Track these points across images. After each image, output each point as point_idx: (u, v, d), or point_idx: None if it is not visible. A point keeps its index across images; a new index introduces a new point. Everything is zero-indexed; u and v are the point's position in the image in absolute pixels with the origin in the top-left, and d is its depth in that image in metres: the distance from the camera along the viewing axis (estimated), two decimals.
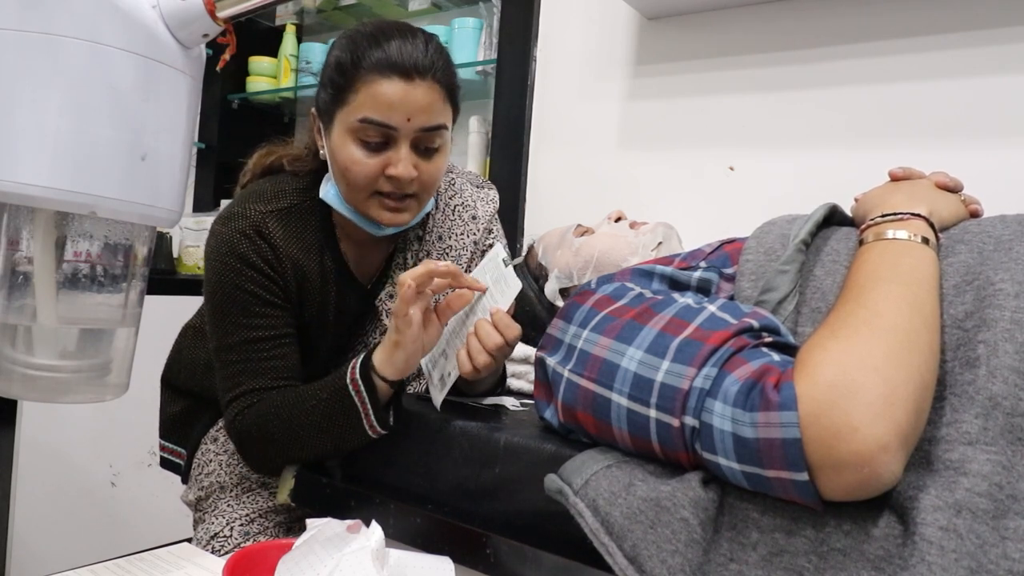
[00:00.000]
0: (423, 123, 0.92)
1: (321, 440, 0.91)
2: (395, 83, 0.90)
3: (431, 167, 0.96)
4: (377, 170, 0.93)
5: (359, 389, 0.87)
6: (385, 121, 0.91)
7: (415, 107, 0.91)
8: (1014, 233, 0.69)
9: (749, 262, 0.78)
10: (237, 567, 0.69)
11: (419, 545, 0.83)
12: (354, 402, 0.88)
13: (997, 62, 1.29)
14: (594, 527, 0.65)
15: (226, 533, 1.05)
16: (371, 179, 0.93)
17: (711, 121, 1.57)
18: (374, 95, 0.90)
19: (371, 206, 0.96)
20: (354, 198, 0.96)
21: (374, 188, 0.95)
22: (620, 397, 0.68)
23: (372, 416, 0.88)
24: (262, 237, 0.97)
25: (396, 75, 0.90)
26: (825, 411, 0.55)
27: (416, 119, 0.92)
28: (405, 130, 0.92)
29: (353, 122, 0.92)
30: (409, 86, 0.90)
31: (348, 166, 0.93)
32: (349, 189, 0.96)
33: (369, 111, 0.91)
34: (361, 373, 0.88)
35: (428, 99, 0.92)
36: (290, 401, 0.92)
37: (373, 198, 0.96)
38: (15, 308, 0.63)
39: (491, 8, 1.96)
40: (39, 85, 0.57)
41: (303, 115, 2.56)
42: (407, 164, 0.92)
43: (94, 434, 1.88)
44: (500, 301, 0.87)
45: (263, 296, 0.97)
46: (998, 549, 0.53)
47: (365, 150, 0.93)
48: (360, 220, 0.99)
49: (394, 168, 0.92)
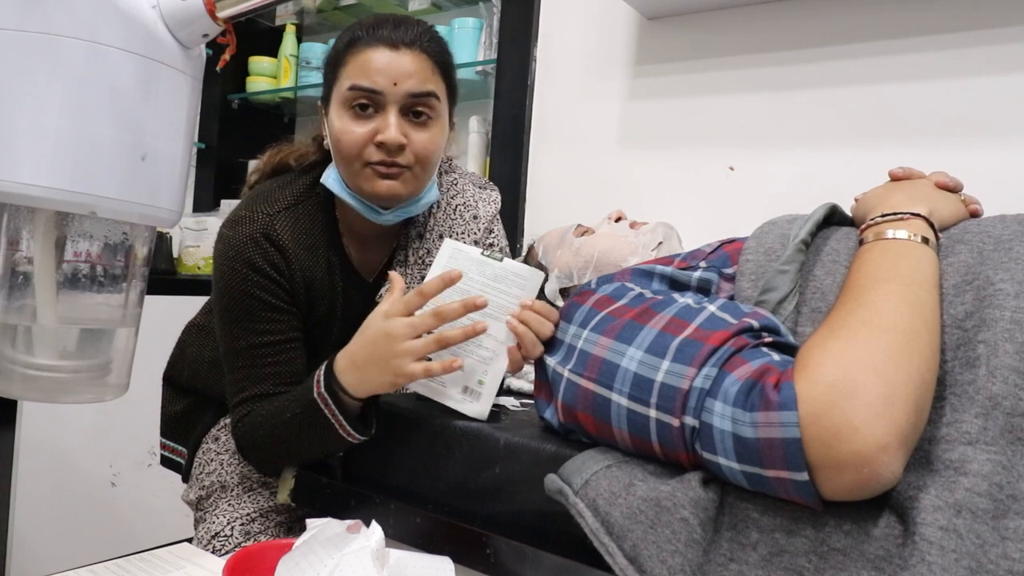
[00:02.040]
0: (411, 88, 0.94)
1: (306, 449, 0.93)
2: (381, 51, 0.93)
3: (423, 137, 0.96)
4: (367, 137, 0.94)
5: (328, 403, 0.87)
6: (371, 86, 0.93)
7: (401, 72, 0.93)
8: (1014, 233, 0.69)
9: (749, 262, 0.78)
10: (237, 567, 0.69)
11: (419, 545, 0.83)
12: (325, 414, 0.87)
13: (997, 62, 1.29)
14: (594, 527, 0.65)
15: (227, 532, 1.05)
16: (360, 146, 0.94)
17: (711, 121, 1.57)
18: (361, 63, 0.93)
19: (364, 178, 0.96)
20: (348, 172, 0.97)
21: (365, 158, 0.95)
22: (620, 397, 0.68)
23: (347, 427, 0.88)
24: (270, 241, 0.97)
25: (383, 45, 0.93)
26: (825, 411, 0.55)
27: (403, 84, 0.93)
28: (392, 94, 0.93)
29: (343, 92, 0.94)
30: (395, 53, 0.93)
31: (340, 137, 0.95)
32: (343, 161, 0.96)
33: (356, 78, 0.93)
34: (327, 388, 0.87)
35: (415, 66, 0.94)
36: (273, 411, 0.93)
37: (366, 169, 0.96)
38: (15, 308, 0.63)
39: (491, 8, 1.96)
40: (39, 85, 0.57)
41: (303, 115, 2.56)
42: (395, 129, 0.93)
43: (94, 434, 1.88)
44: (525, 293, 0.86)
45: (270, 301, 0.97)
46: (998, 549, 0.53)
47: (356, 120, 0.94)
48: (361, 206, 0.99)
49: (382, 134, 0.93)
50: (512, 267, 0.87)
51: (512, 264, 0.87)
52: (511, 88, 1.80)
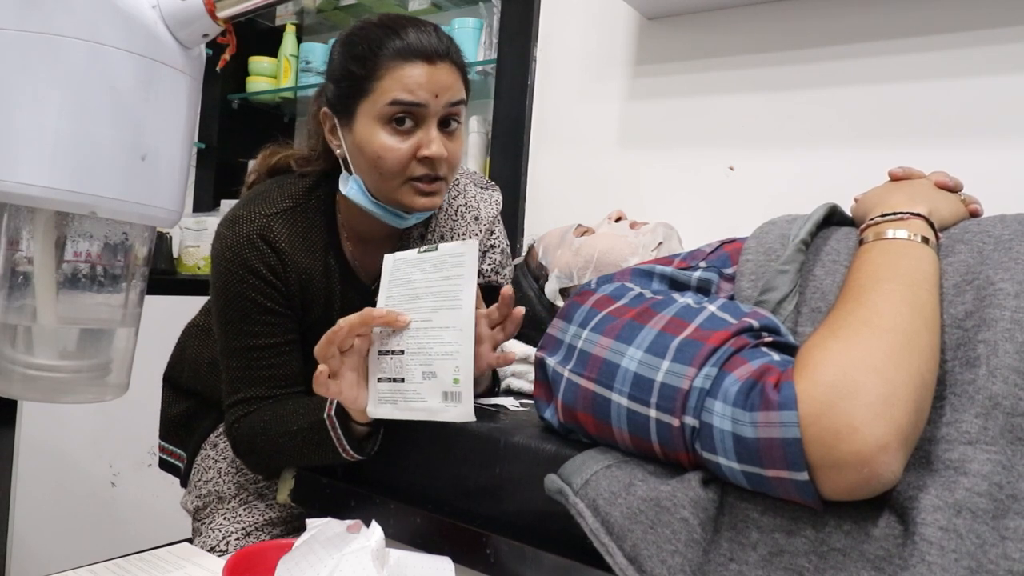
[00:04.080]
0: (449, 99, 0.94)
1: (305, 459, 0.94)
2: (419, 66, 0.92)
3: (455, 147, 0.97)
4: (410, 154, 0.93)
5: (335, 426, 0.87)
6: (415, 100, 0.92)
7: (441, 85, 0.93)
8: (1014, 233, 0.69)
9: (749, 262, 0.78)
10: (237, 567, 0.69)
11: (419, 545, 0.83)
12: (330, 436, 0.88)
13: (996, 62, 1.29)
14: (594, 527, 0.65)
15: (222, 548, 1.05)
16: (404, 163, 0.94)
17: (711, 121, 1.57)
18: (400, 78, 0.92)
19: (404, 193, 0.96)
20: (386, 187, 0.96)
21: (407, 174, 0.95)
22: (620, 397, 0.68)
23: (349, 449, 0.88)
24: (266, 242, 0.97)
25: (419, 59, 0.92)
26: (825, 411, 0.55)
27: (443, 96, 0.93)
28: (434, 107, 0.93)
29: (382, 107, 0.92)
30: (433, 67, 0.93)
31: (380, 154, 0.93)
32: (382, 178, 0.95)
33: (398, 93, 0.92)
34: (338, 411, 0.87)
35: (451, 78, 0.94)
36: (276, 418, 0.93)
37: (406, 184, 0.95)
38: (15, 308, 0.63)
39: (491, 8, 1.96)
40: (39, 85, 0.57)
41: (303, 115, 2.55)
42: (439, 143, 0.93)
43: (94, 434, 1.88)
44: (465, 269, 0.80)
45: (265, 304, 0.97)
46: (998, 549, 0.53)
47: (396, 135, 0.93)
48: (385, 213, 0.98)
49: (427, 149, 0.93)
50: (447, 249, 0.83)
51: (447, 247, 0.83)
52: (511, 88, 1.80)
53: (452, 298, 0.80)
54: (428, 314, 0.81)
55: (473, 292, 0.79)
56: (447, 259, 0.82)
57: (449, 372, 0.79)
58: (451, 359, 0.79)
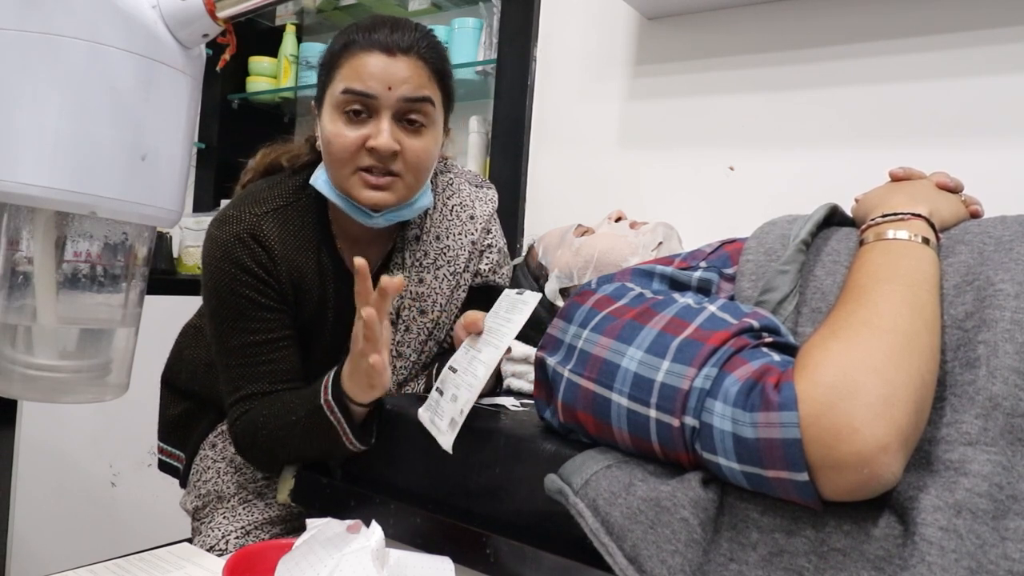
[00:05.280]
0: (405, 93, 0.93)
1: (307, 451, 0.94)
2: (376, 56, 0.92)
3: (416, 144, 0.95)
4: (358, 142, 0.93)
5: (333, 410, 0.88)
6: (364, 90, 0.92)
7: (396, 78, 0.92)
8: (1014, 234, 0.69)
9: (749, 262, 0.78)
10: (237, 567, 0.69)
11: (419, 545, 0.83)
12: (331, 422, 0.88)
13: (996, 62, 1.29)
14: (594, 527, 0.65)
15: (221, 547, 1.05)
16: (352, 151, 0.93)
17: (711, 121, 1.57)
18: (355, 67, 0.92)
19: (354, 184, 0.95)
20: (338, 176, 0.96)
21: (356, 163, 0.94)
22: (620, 397, 0.68)
23: (351, 435, 0.89)
24: (257, 241, 0.97)
25: (378, 50, 0.92)
26: (825, 412, 0.55)
27: (397, 89, 0.92)
28: (386, 99, 0.92)
29: (337, 96, 0.93)
30: (391, 59, 0.93)
31: (331, 139, 0.94)
32: (333, 165, 0.96)
33: (350, 82, 0.92)
34: (334, 395, 0.87)
35: (410, 72, 0.93)
36: (276, 412, 0.93)
37: (356, 175, 0.95)
38: (15, 308, 0.63)
39: (491, 8, 1.96)
40: (39, 85, 0.57)
41: (303, 115, 2.56)
42: (387, 136, 0.92)
43: (94, 434, 1.88)
44: (522, 316, 0.85)
45: (258, 300, 0.97)
46: (998, 549, 0.53)
47: (348, 124, 0.93)
48: (348, 207, 0.98)
49: (374, 139, 0.92)
50: (521, 295, 0.88)
51: (523, 294, 0.88)
52: (511, 88, 1.80)
53: (497, 337, 0.85)
54: (480, 345, 0.87)
55: (511, 338, 0.83)
56: (516, 303, 0.87)
57: (462, 402, 0.83)
58: (470, 391, 0.83)
